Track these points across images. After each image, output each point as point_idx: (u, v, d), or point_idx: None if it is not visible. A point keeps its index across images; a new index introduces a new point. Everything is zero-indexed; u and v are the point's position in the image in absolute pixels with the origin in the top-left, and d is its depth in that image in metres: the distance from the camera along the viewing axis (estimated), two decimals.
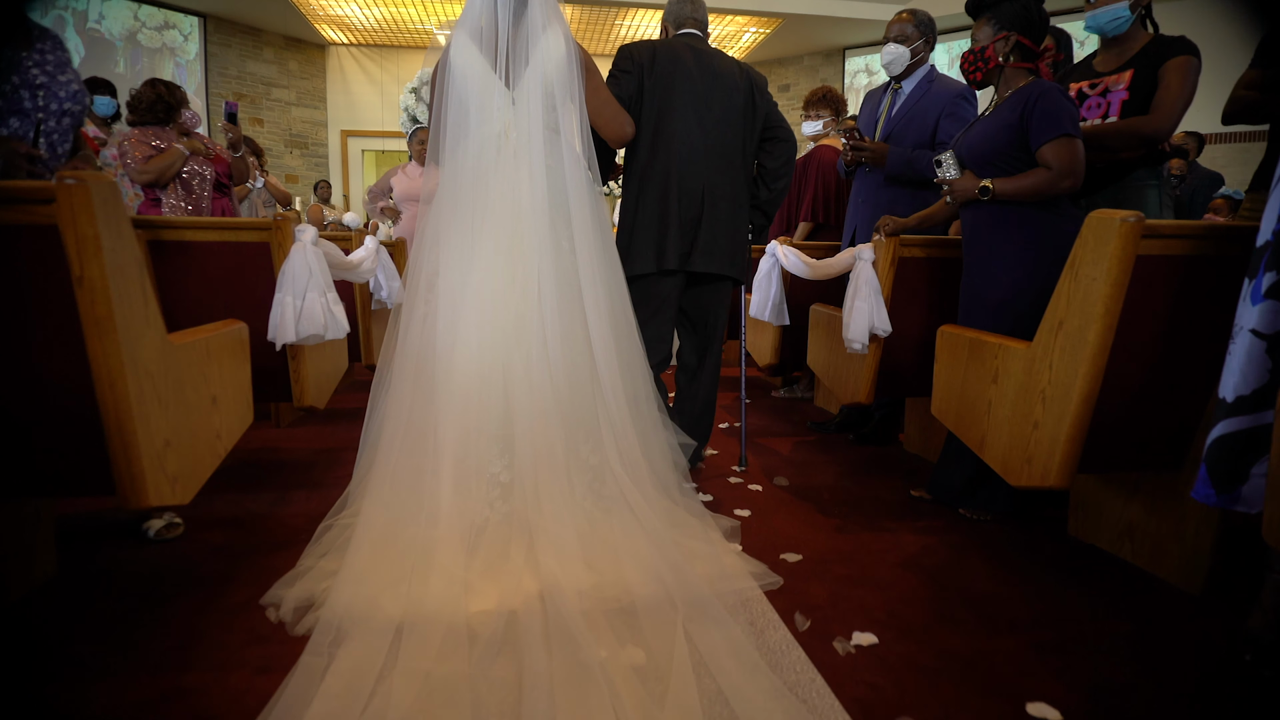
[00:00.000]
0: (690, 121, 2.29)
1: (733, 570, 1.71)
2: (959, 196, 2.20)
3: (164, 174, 3.12)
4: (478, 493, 1.74)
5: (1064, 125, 1.96)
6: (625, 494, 1.81)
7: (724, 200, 2.35)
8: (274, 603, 1.58)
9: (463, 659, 1.32)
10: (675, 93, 2.28)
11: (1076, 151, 1.97)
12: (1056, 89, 2.03)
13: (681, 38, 2.41)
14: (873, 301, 2.44)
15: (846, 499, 2.43)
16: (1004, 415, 1.82)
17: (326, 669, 1.29)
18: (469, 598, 1.50)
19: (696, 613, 1.47)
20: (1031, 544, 2.07)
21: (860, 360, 2.55)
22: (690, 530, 1.84)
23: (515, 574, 1.58)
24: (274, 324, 2.16)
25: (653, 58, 2.29)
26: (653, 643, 1.39)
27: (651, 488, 1.88)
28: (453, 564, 1.58)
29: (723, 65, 2.35)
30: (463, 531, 1.67)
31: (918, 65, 2.95)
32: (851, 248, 2.63)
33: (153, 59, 7.76)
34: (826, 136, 3.76)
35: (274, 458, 2.79)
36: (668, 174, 2.29)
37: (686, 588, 1.53)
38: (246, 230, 2.24)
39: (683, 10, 2.44)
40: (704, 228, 2.31)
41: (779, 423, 3.48)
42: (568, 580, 1.54)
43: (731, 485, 2.53)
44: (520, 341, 1.82)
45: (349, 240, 3.23)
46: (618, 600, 1.52)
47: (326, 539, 1.80)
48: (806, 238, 3.69)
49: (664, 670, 1.31)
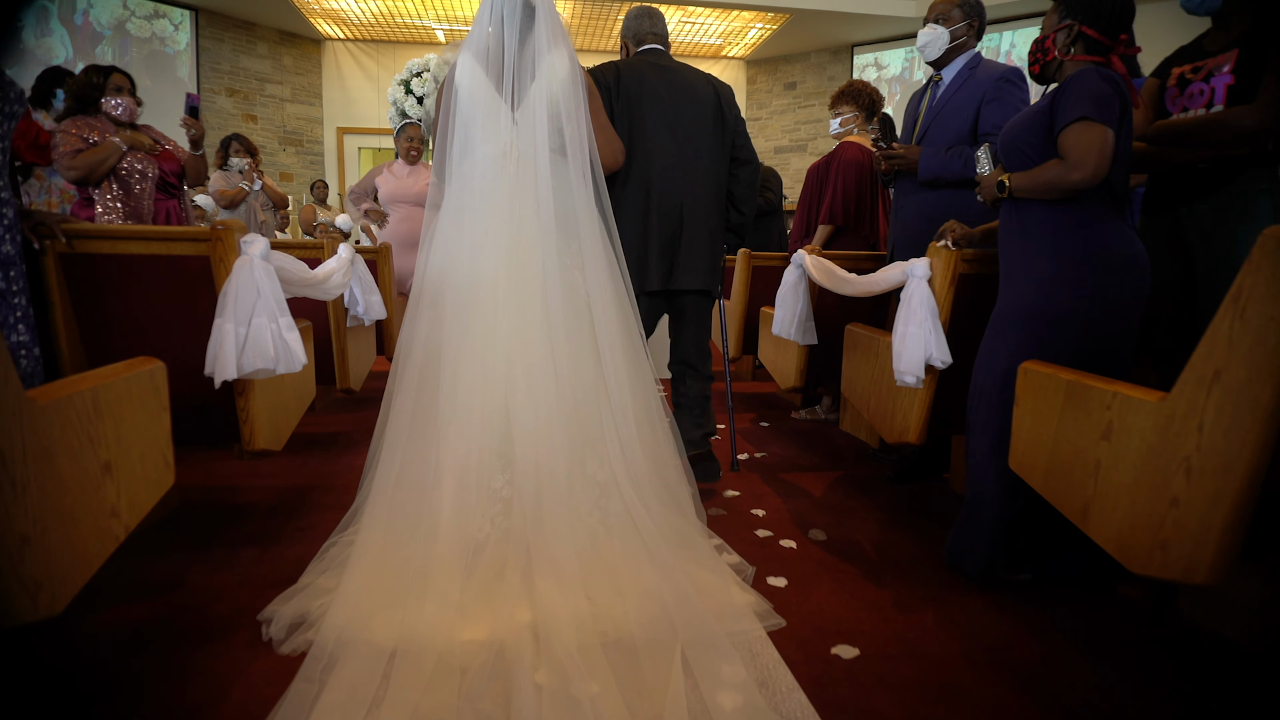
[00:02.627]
0: (662, 138, 2.26)
1: (742, 607, 1.60)
2: (985, 195, 1.87)
3: (95, 170, 2.67)
4: (478, 508, 1.68)
5: (1084, 108, 1.61)
6: (631, 511, 1.73)
7: (701, 214, 2.31)
8: (267, 619, 1.53)
9: (452, 691, 1.29)
10: (644, 112, 2.25)
11: (1093, 139, 1.60)
12: (1096, 71, 1.65)
13: (644, 55, 2.35)
14: (929, 327, 2.01)
15: (896, 559, 2.00)
16: (1121, 482, 1.40)
17: (318, 696, 1.26)
18: (463, 624, 1.45)
19: (698, 648, 1.40)
20: (1135, 627, 1.65)
21: (910, 395, 2.12)
22: (698, 553, 1.75)
23: (511, 599, 1.52)
24: (211, 356, 1.73)
25: (618, 79, 2.25)
26: (649, 679, 1.32)
27: (659, 505, 1.79)
28: (449, 586, 1.53)
29: (689, 79, 2.31)
30: (461, 549, 1.62)
31: (959, 51, 2.51)
32: (899, 261, 2.19)
33: (142, 49, 7.32)
34: (851, 134, 3.32)
35: (229, 501, 2.36)
36: (647, 194, 2.26)
37: (690, 623, 1.45)
38: (180, 241, 1.81)
39: (641, 26, 2.38)
40: (683, 245, 2.29)
41: (804, 453, 3.03)
42: (564, 609, 1.47)
43: (760, 542, 2.10)
44: (524, 357, 1.78)
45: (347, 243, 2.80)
46: (616, 631, 1.45)
47: (329, 556, 1.75)
48: (827, 242, 3.26)
49: (658, 707, 1.24)
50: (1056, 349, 1.70)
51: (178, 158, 2.92)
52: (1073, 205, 1.70)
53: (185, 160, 2.94)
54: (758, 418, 3.62)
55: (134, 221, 2.79)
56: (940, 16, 2.51)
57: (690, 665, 1.35)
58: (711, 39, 8.84)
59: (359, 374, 2.91)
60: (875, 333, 2.34)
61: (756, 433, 3.33)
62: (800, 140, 9.14)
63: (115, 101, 2.78)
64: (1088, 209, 1.69)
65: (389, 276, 3.39)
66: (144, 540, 1.98)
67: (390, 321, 3.43)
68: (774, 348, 3.13)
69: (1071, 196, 1.68)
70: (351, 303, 2.70)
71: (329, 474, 2.61)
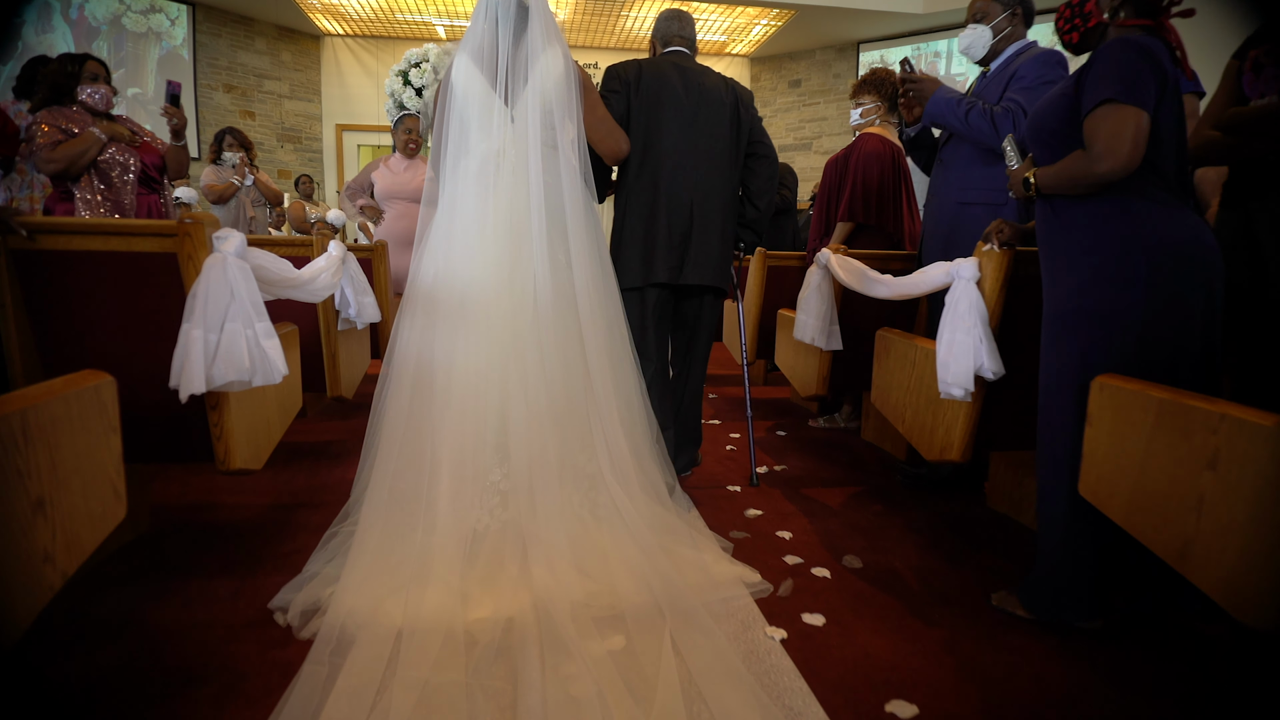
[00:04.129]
0: (677, 137, 2.25)
1: (721, 578, 1.69)
2: (1015, 192, 1.65)
3: (75, 162, 2.45)
4: (476, 500, 1.72)
5: (1109, 88, 1.39)
6: (616, 501, 1.79)
7: (713, 213, 2.30)
8: (282, 607, 1.56)
9: (460, 667, 1.32)
10: (662, 110, 2.25)
11: (1120, 125, 1.39)
12: (1125, 42, 1.43)
13: (668, 56, 2.36)
14: (978, 334, 1.79)
15: (943, 591, 1.78)
16: (1232, 520, 1.18)
17: (329, 678, 1.28)
18: (466, 607, 1.49)
19: (683, 621, 1.47)
20: (1226, 673, 1.43)
21: (955, 409, 1.90)
22: (678, 536, 1.81)
23: (511, 586, 1.57)
24: (177, 367, 1.50)
25: (639, 77, 2.26)
26: (640, 650, 1.39)
27: (641, 493, 1.86)
28: (450, 574, 1.57)
29: (708, 82, 2.32)
30: (460, 539, 1.65)
31: (1007, 43, 2.30)
32: (942, 262, 1.97)
33: (137, 44, 7.09)
34: (872, 125, 3.10)
35: (205, 521, 2.13)
36: (656, 189, 2.25)
37: (674, 598, 1.53)
38: (142, 237, 1.58)
39: (670, 28, 2.40)
40: (694, 241, 2.27)
41: (827, 465, 2.81)
42: (561, 590, 1.53)
43: (791, 570, 1.88)
44: (517, 351, 1.80)
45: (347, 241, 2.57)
46: (609, 609, 1.52)
47: (332, 545, 1.76)
48: (847, 240, 3.03)
49: (651, 677, 1.31)
50: (1114, 353, 1.48)
51: (158, 149, 2.69)
52: (1112, 194, 1.47)
53: (166, 152, 2.71)
54: (774, 426, 3.39)
55: (117, 217, 2.57)
56: (979, 14, 2.30)
57: (678, 642, 1.41)
58: (715, 35, 8.61)
59: (351, 380, 2.69)
60: (912, 339, 2.12)
61: (774, 442, 3.10)
62: (805, 139, 8.91)
63: (92, 90, 2.56)
64: (1129, 196, 1.47)
65: (385, 276, 3.16)
66: (101, 571, 1.77)
67: (386, 324, 3.20)
68: (794, 353, 2.91)
69: (1106, 187, 1.47)
70: (343, 304, 2.47)
71: (318, 489, 2.39)
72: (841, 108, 8.77)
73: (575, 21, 8.09)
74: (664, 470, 2.00)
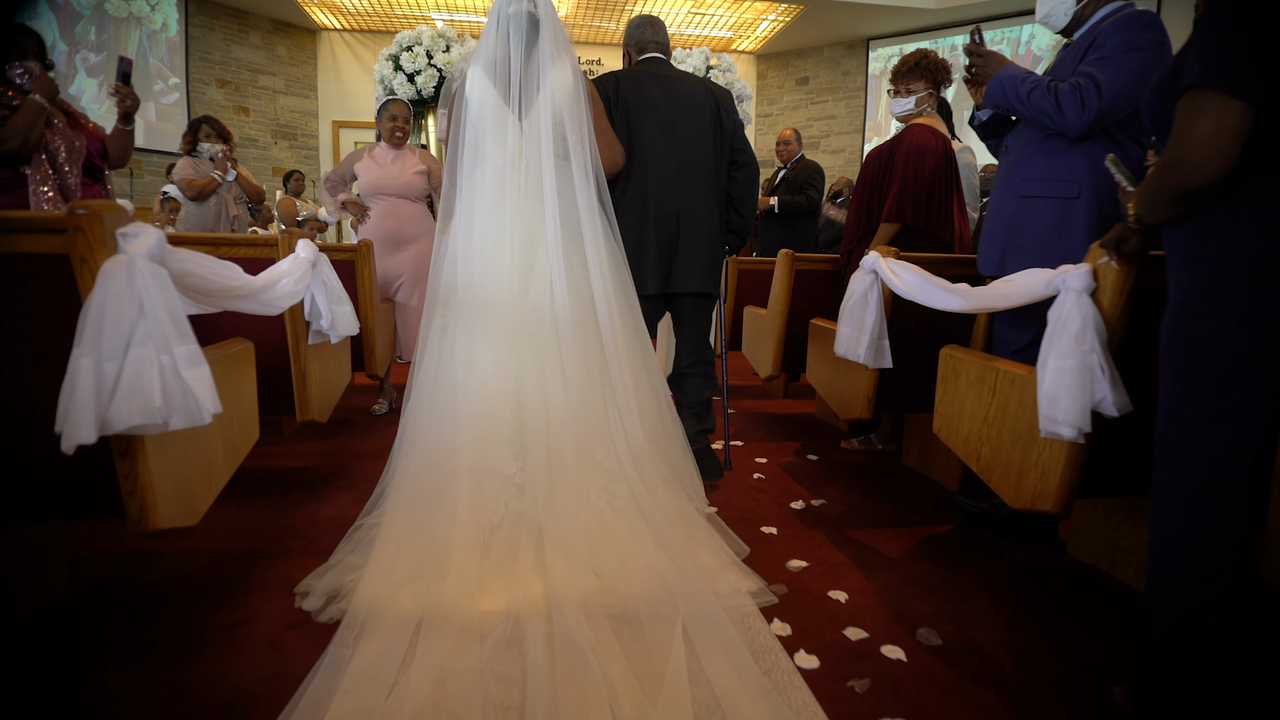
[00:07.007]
0: (659, 147, 2.24)
1: (738, 585, 1.63)
2: None
3: (28, 138, 2.03)
4: (493, 493, 1.73)
5: (1200, 66, 1.04)
6: (635, 495, 1.78)
7: (699, 220, 2.29)
8: (305, 591, 1.58)
9: (474, 654, 1.33)
10: (643, 121, 2.24)
11: (1199, 120, 1.04)
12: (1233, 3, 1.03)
13: (644, 64, 2.34)
14: (1096, 360, 1.39)
15: (1046, 678, 1.38)
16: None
17: (351, 659, 1.30)
18: (481, 597, 1.50)
19: (696, 619, 1.43)
20: None
21: (1053, 449, 1.49)
22: (699, 534, 1.79)
23: (525, 575, 1.57)
24: (62, 409, 1.10)
25: (617, 89, 2.25)
26: (651, 645, 1.37)
27: (664, 488, 1.85)
28: (468, 564, 1.58)
29: (687, 87, 2.30)
30: (477, 530, 1.67)
31: (1096, 6, 1.90)
32: (1042, 269, 1.57)
33: (119, 28, 6.69)
34: (920, 115, 2.70)
35: (138, 577, 1.71)
36: (644, 200, 2.25)
37: (691, 599, 1.48)
38: (24, 234, 1.17)
39: (644, 35, 2.36)
40: (680, 250, 2.28)
41: (872, 500, 2.37)
42: (574, 583, 1.53)
43: (855, 648, 1.47)
44: (534, 350, 1.83)
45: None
46: (621, 604, 1.49)
47: (356, 537, 1.77)
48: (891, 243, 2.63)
49: (660, 671, 1.28)
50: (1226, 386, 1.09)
51: (98, 135, 2.27)
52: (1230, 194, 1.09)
53: (109, 137, 2.29)
54: (801, 448, 2.97)
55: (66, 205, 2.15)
56: None
57: (690, 635, 1.38)
58: (722, 31, 8.20)
59: (325, 402, 2.28)
60: (991, 360, 1.71)
61: (806, 470, 2.69)
62: (813, 138, 8.50)
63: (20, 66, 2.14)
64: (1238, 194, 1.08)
65: (370, 280, 2.75)
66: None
67: (371, 333, 2.79)
68: (833, 370, 2.50)
69: None
70: (314, 315, 2.06)
71: (283, 533, 1.98)
72: (851, 106, 8.36)
73: (574, 18, 7.67)
74: (689, 462, 2.03)
